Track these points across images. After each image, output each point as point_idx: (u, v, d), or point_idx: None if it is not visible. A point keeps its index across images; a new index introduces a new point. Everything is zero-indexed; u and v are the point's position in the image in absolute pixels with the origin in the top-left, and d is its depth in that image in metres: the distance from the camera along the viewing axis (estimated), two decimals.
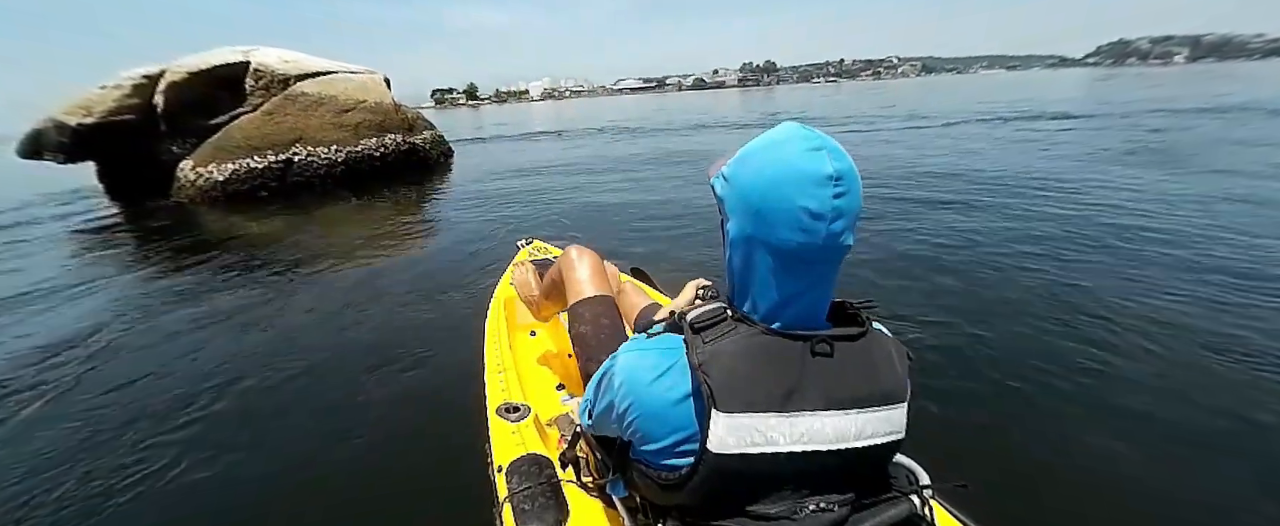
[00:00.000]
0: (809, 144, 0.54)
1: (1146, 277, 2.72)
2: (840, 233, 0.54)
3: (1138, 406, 1.73)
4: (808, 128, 0.56)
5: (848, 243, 0.55)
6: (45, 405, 2.17)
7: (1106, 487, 1.43)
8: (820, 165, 0.53)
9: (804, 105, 23.46)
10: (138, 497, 1.60)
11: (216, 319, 2.98)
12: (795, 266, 0.56)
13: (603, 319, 1.14)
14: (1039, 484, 1.45)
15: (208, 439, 1.87)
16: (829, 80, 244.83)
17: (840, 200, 0.53)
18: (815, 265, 0.56)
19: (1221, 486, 1.42)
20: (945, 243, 3.48)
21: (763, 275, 0.58)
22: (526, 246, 2.43)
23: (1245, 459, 1.50)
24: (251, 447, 1.82)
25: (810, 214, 0.53)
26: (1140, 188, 4.58)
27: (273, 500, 1.58)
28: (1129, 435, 1.60)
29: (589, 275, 1.21)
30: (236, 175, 6.98)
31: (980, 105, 15.57)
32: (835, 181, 0.53)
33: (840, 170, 0.53)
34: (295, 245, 4.65)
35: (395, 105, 8.55)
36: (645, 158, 9.10)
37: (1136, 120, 9.81)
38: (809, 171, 0.53)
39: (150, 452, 1.80)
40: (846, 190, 0.53)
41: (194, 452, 1.79)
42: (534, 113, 43.84)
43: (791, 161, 0.54)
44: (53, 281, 3.86)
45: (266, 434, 1.90)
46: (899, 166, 6.45)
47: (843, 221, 0.54)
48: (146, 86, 7.58)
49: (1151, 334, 2.16)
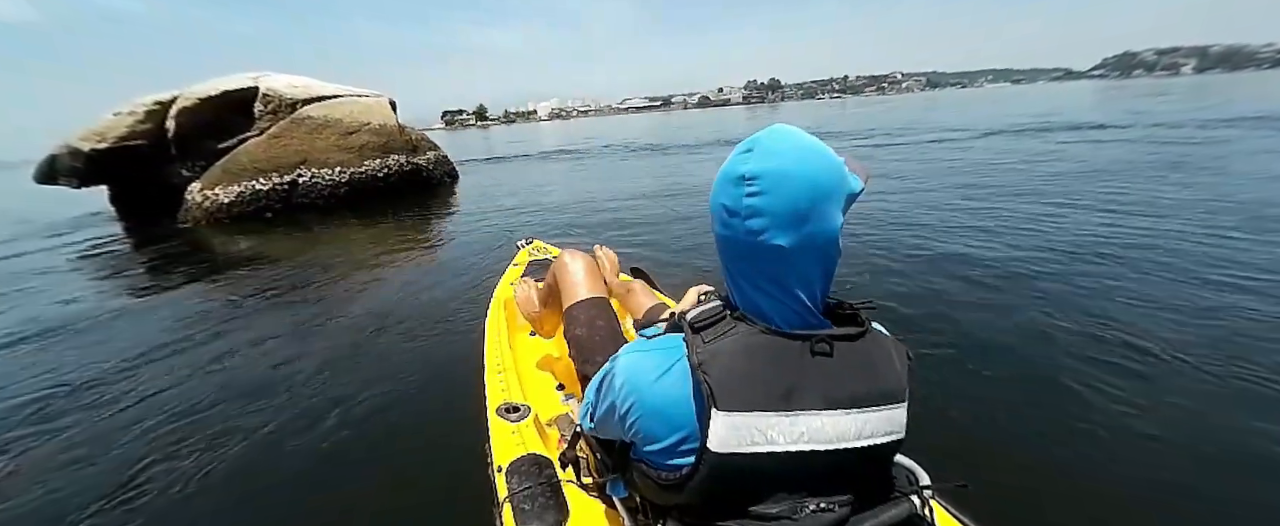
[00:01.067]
0: (744, 147, 0.57)
1: (1150, 282, 2.71)
2: (760, 231, 0.55)
3: (1138, 407, 1.73)
4: (780, 130, 0.58)
5: (776, 242, 0.55)
6: (40, 425, 2.17)
7: (1106, 488, 1.43)
8: (738, 166, 0.56)
9: (814, 121, 23.54)
10: (133, 496, 1.62)
11: (216, 330, 3.01)
12: (739, 262, 0.59)
13: (598, 321, 1.14)
14: (1039, 484, 1.44)
15: (206, 438, 1.89)
16: (833, 97, 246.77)
17: (753, 199, 0.55)
18: (760, 262, 0.57)
19: (1221, 487, 1.41)
20: (952, 246, 3.50)
21: (732, 269, 0.61)
22: (526, 246, 2.44)
23: (1245, 460, 1.50)
24: (249, 447, 1.83)
25: (727, 210, 0.57)
26: (1157, 199, 4.50)
27: (272, 499, 1.59)
28: (1129, 435, 1.61)
29: (583, 278, 1.22)
30: (242, 197, 7.09)
31: (1002, 118, 15.37)
32: (747, 181, 0.55)
33: (757, 171, 0.55)
34: (299, 261, 4.70)
35: (399, 127, 8.69)
36: (647, 172, 9.16)
37: (1176, 132, 9.40)
38: (728, 171, 0.57)
39: (147, 452, 1.83)
40: (763, 190, 0.54)
41: (190, 451, 1.81)
42: (542, 132, 44.54)
43: (726, 163, 0.58)
44: (50, 307, 3.88)
45: (265, 434, 1.90)
46: (909, 176, 6.43)
47: (760, 220, 0.55)
48: (159, 112, 7.79)
49: (1152, 335, 2.16)
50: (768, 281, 0.58)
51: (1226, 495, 1.38)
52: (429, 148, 9.36)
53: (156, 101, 7.79)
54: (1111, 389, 1.83)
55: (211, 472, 1.72)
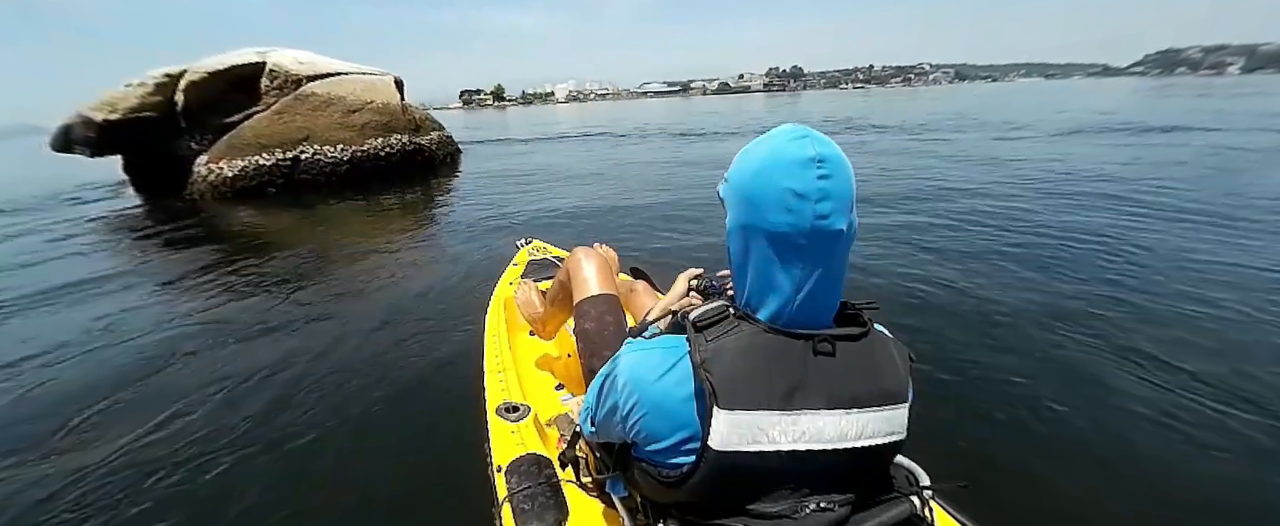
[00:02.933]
0: (794, 134, 0.57)
1: (1155, 285, 2.72)
2: (827, 214, 0.55)
3: (1138, 408, 1.75)
4: (795, 125, 0.59)
5: (837, 226, 0.56)
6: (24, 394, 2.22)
7: (1106, 488, 1.44)
8: (803, 149, 0.55)
9: (831, 112, 22.92)
10: (129, 493, 1.60)
11: (213, 318, 2.99)
12: (788, 252, 0.57)
13: (607, 316, 1.16)
14: (1039, 484, 1.45)
15: (204, 437, 1.86)
16: (857, 86, 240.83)
17: (824, 181, 0.55)
18: (808, 251, 0.56)
19: (1221, 487, 1.42)
20: (960, 248, 3.50)
21: (759, 264, 0.59)
22: (526, 246, 2.42)
23: (1246, 460, 1.51)
24: (247, 446, 1.80)
25: (795, 194, 0.55)
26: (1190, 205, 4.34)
27: (271, 499, 1.57)
28: (1129, 436, 1.62)
29: (596, 274, 1.23)
30: (245, 172, 7.20)
31: (1058, 117, 14.42)
32: (818, 163, 0.55)
33: (823, 154, 0.55)
34: (297, 244, 4.71)
35: (402, 106, 8.71)
36: (659, 162, 9.05)
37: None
38: (792, 155, 0.56)
39: (142, 449, 1.80)
40: (830, 173, 0.55)
41: (186, 450, 1.78)
42: (558, 114, 44.27)
43: (778, 149, 0.57)
44: (49, 279, 3.96)
45: (262, 433, 1.88)
46: (905, 173, 6.27)
47: (829, 203, 0.55)
48: (168, 85, 7.90)
49: (1153, 336, 2.18)
50: (808, 275, 0.57)
51: (1226, 495, 1.39)
52: (433, 128, 9.38)
53: (166, 74, 7.90)
54: (1113, 390, 1.85)
55: (207, 469, 1.70)
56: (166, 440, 1.86)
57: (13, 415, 2.12)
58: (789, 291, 0.58)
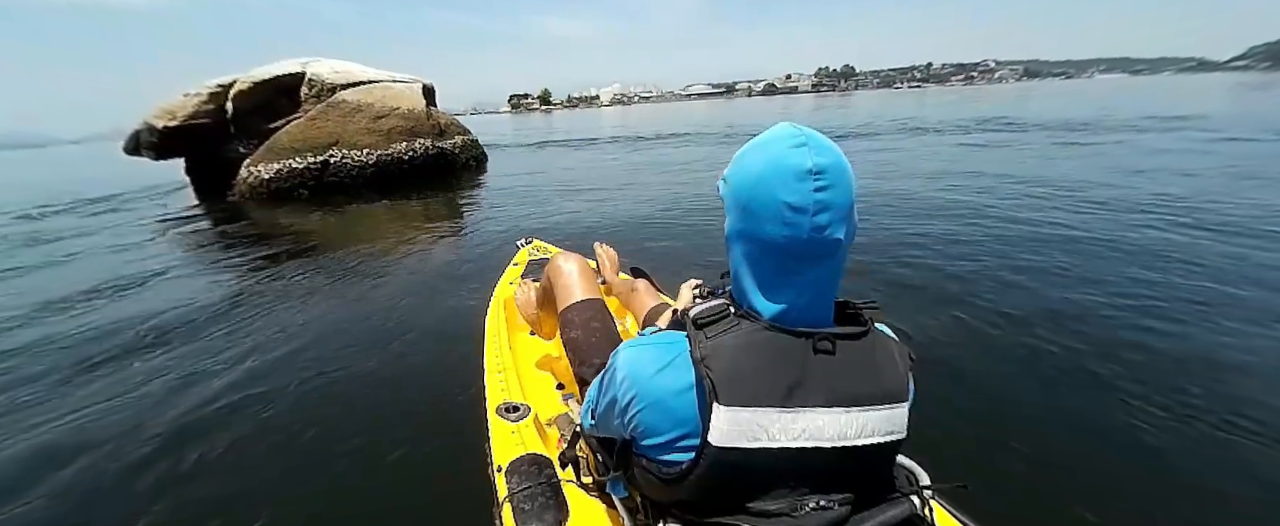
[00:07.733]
0: (793, 141, 0.55)
1: (1156, 286, 2.65)
2: (825, 226, 0.54)
3: (1138, 408, 1.72)
4: (797, 126, 0.57)
5: (836, 236, 0.55)
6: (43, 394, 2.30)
7: (1106, 488, 1.42)
8: (801, 160, 0.54)
9: (892, 110, 21.92)
10: (125, 488, 1.63)
11: (221, 316, 3.06)
12: (785, 261, 0.56)
13: (593, 322, 1.15)
14: (1039, 484, 1.44)
15: (202, 436, 1.87)
16: (912, 86, 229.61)
17: (822, 193, 0.53)
18: (805, 260, 0.56)
19: (1221, 488, 1.40)
20: (965, 249, 3.40)
21: (757, 271, 0.59)
22: (526, 246, 2.43)
23: (1246, 461, 1.48)
24: (247, 445, 1.81)
25: (791, 207, 0.54)
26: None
27: (270, 498, 1.56)
28: (1129, 436, 1.60)
29: (577, 280, 1.22)
30: (279, 174, 7.68)
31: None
32: (815, 175, 0.53)
33: (821, 165, 0.53)
34: (318, 244, 4.87)
35: (427, 111, 9.03)
36: (687, 164, 8.91)
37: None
38: (790, 166, 0.54)
39: (140, 448, 1.82)
40: (829, 183, 0.53)
41: (184, 450, 1.80)
42: (602, 118, 44.59)
43: (776, 158, 0.55)
44: (89, 277, 4.29)
45: (262, 431, 1.88)
46: (902, 172, 5.89)
47: (827, 215, 0.54)
48: (220, 94, 8.58)
49: (1153, 336, 2.15)
50: (806, 281, 0.57)
51: (1228, 495, 1.37)
52: (457, 132, 9.68)
53: (218, 85, 8.58)
54: (1113, 391, 1.82)
55: (206, 465, 1.71)
56: (165, 439, 1.87)
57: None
58: (787, 295, 0.58)
